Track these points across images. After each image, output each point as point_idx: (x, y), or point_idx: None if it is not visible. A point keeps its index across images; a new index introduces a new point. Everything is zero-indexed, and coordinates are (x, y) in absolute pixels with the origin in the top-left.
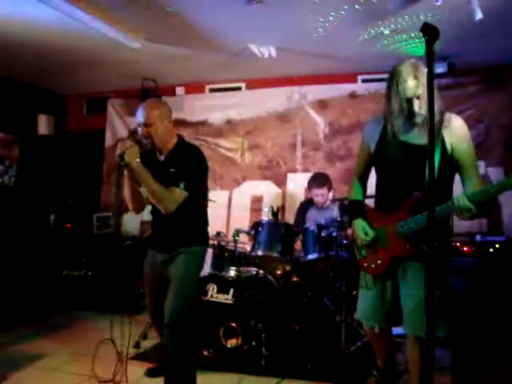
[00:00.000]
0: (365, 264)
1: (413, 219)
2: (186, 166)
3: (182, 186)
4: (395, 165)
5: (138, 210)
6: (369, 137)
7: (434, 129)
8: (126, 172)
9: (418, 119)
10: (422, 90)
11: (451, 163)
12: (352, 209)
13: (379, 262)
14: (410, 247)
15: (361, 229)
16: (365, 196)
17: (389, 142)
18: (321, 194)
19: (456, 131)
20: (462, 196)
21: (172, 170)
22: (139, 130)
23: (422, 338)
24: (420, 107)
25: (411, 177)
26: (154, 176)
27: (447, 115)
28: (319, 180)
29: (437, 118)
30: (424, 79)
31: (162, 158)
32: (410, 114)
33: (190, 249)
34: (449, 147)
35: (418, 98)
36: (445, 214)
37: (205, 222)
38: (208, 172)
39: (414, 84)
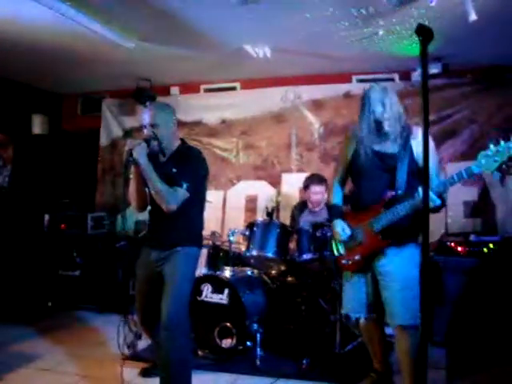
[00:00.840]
0: (343, 261)
1: (384, 215)
2: (189, 168)
3: (185, 186)
4: (369, 170)
5: (142, 208)
6: (347, 146)
7: (406, 139)
8: (132, 169)
9: (389, 135)
10: (388, 104)
11: (417, 167)
12: (332, 211)
13: (356, 257)
14: (383, 240)
15: (339, 227)
16: (344, 199)
17: (363, 151)
18: (320, 192)
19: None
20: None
21: (174, 170)
22: (145, 130)
23: (405, 326)
24: (389, 126)
25: (383, 181)
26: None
27: (414, 129)
28: (318, 177)
29: (405, 132)
30: (392, 97)
31: (164, 159)
32: (379, 133)
33: (186, 249)
34: (416, 155)
35: (386, 119)
36: (413, 207)
37: (201, 223)
38: (208, 175)
39: (379, 96)
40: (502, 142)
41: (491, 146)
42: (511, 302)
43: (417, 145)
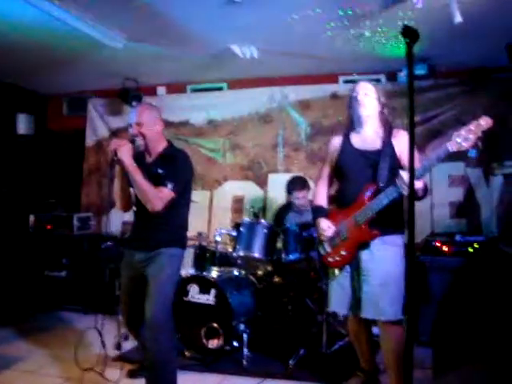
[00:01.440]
0: (329, 259)
1: (367, 206)
2: (175, 169)
3: (170, 186)
4: (352, 168)
5: (126, 208)
6: (332, 148)
7: (388, 136)
8: (117, 168)
9: (362, 111)
10: (371, 92)
11: (399, 164)
12: (315, 211)
13: (343, 253)
14: (369, 230)
15: (324, 224)
16: (329, 201)
17: (346, 150)
18: (302, 197)
19: (402, 140)
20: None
21: (160, 171)
22: (131, 130)
23: (387, 322)
24: (365, 100)
25: (366, 177)
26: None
27: (395, 130)
28: (299, 183)
29: (388, 128)
30: (376, 90)
31: (150, 159)
32: (358, 105)
33: (169, 250)
34: (397, 152)
35: (365, 94)
36: (396, 193)
37: (186, 225)
38: (194, 179)
39: (364, 84)
40: (473, 121)
41: (464, 126)
42: (496, 301)
43: (398, 142)
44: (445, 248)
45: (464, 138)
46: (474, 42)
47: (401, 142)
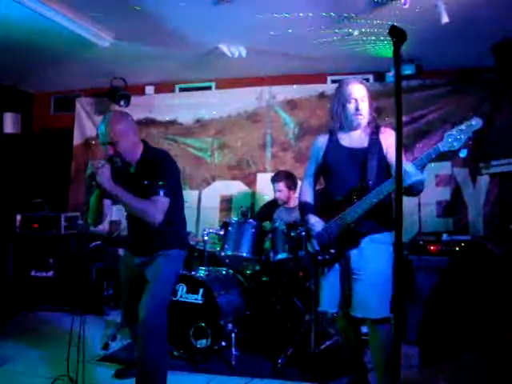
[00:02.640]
0: (319, 257)
1: (357, 205)
2: (160, 174)
3: (161, 193)
4: (340, 166)
5: (97, 224)
6: (317, 147)
7: (375, 134)
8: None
9: (362, 119)
10: (366, 96)
11: (386, 161)
12: (303, 209)
13: (332, 251)
14: (358, 228)
15: (313, 220)
16: (315, 198)
17: (333, 148)
18: (278, 190)
19: (389, 137)
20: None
21: (145, 182)
22: (104, 149)
23: (375, 320)
24: (363, 108)
25: (354, 175)
26: (127, 188)
27: (382, 127)
28: (277, 175)
29: (375, 127)
30: (367, 91)
31: (131, 169)
32: (355, 113)
33: (168, 251)
34: (384, 149)
35: (362, 100)
36: (386, 191)
37: (183, 224)
38: (180, 174)
39: (359, 87)
40: (465, 121)
41: (455, 126)
42: (482, 300)
43: (385, 140)
44: (432, 247)
45: (455, 138)
46: (461, 42)
47: (388, 139)
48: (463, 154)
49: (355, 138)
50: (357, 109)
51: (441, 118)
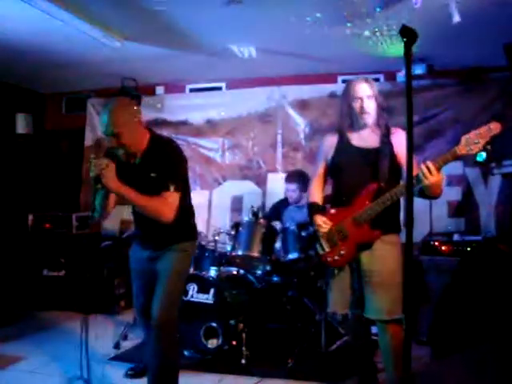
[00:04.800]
0: (328, 258)
1: (369, 207)
2: (168, 165)
3: (172, 188)
4: (350, 166)
5: (103, 219)
6: (326, 147)
7: (386, 134)
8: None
9: (368, 118)
10: (371, 95)
11: (398, 163)
12: (311, 209)
13: (342, 252)
14: (371, 230)
15: (319, 221)
16: (324, 199)
17: (343, 148)
18: (291, 190)
19: (399, 137)
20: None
21: (153, 174)
22: (107, 141)
23: (386, 321)
24: (368, 106)
25: (365, 176)
26: (133, 181)
27: (392, 128)
28: (290, 176)
29: (386, 126)
30: (374, 89)
31: (136, 160)
32: (360, 112)
33: (178, 245)
34: (395, 150)
35: (367, 98)
36: (400, 193)
37: (190, 215)
38: (187, 163)
39: (364, 86)
40: (482, 125)
41: (473, 130)
42: (494, 300)
43: (396, 140)
44: (443, 248)
45: (473, 142)
46: (472, 41)
47: (399, 140)
48: (480, 157)
49: (366, 138)
50: (362, 108)
51: (452, 117)
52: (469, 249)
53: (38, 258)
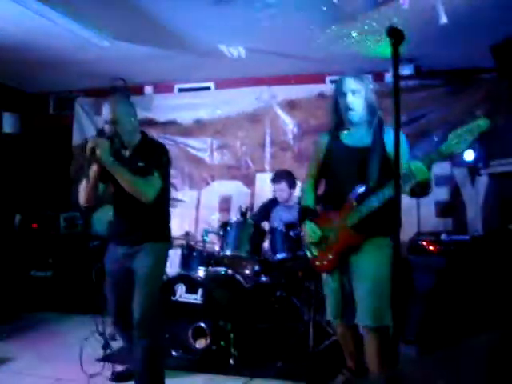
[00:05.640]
0: (317, 263)
1: (357, 209)
2: (156, 158)
3: (156, 174)
4: (340, 166)
5: (90, 203)
6: (319, 147)
7: (378, 132)
8: (93, 167)
9: (353, 115)
10: (357, 90)
11: (389, 160)
12: (302, 213)
13: (330, 256)
14: (356, 234)
15: (309, 229)
16: (316, 200)
17: (334, 147)
18: (279, 190)
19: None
20: (413, 161)
21: (140, 163)
22: (106, 127)
23: (375, 330)
24: (353, 102)
25: (354, 176)
26: None
27: (386, 126)
28: (277, 176)
29: (378, 123)
30: (363, 84)
31: (127, 153)
32: (345, 108)
33: (154, 245)
34: (388, 148)
35: (352, 93)
36: (387, 196)
37: (168, 217)
38: (170, 169)
39: (349, 81)
40: (471, 121)
41: (461, 127)
42: (481, 299)
43: (389, 138)
44: (430, 247)
45: (460, 139)
46: (460, 42)
47: (391, 137)
48: (468, 156)
49: (357, 136)
50: (346, 104)
51: (440, 118)
52: (456, 248)
53: (26, 258)
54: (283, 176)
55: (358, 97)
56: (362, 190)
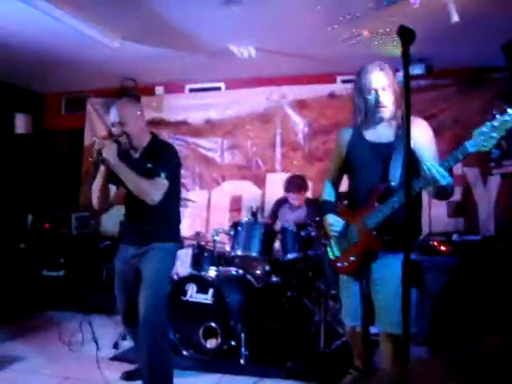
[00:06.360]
0: (338, 264)
1: (378, 210)
2: (164, 159)
3: (163, 175)
4: (363, 163)
5: (103, 208)
6: (341, 141)
7: (402, 127)
8: (101, 168)
9: (385, 112)
10: (388, 84)
11: (414, 156)
12: (323, 207)
13: (351, 258)
14: (379, 237)
15: (331, 219)
16: (337, 197)
17: (356, 143)
18: (297, 198)
19: (418, 128)
20: (434, 165)
21: (149, 165)
22: (114, 129)
23: (394, 335)
24: (385, 99)
25: (377, 173)
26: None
27: (411, 117)
28: (296, 185)
29: (402, 121)
30: (390, 76)
31: (137, 155)
32: (375, 105)
33: (163, 245)
34: (412, 143)
35: (383, 89)
36: (419, 189)
37: (178, 218)
38: (181, 170)
39: (378, 76)
40: (498, 116)
41: (487, 122)
42: (492, 301)
43: (413, 132)
44: (442, 247)
45: (487, 137)
46: (471, 42)
47: (416, 131)
48: (495, 154)
49: (381, 132)
50: (377, 101)
51: (451, 117)
52: (468, 249)
53: (38, 258)
54: (293, 186)
55: (388, 93)
56: (382, 189)
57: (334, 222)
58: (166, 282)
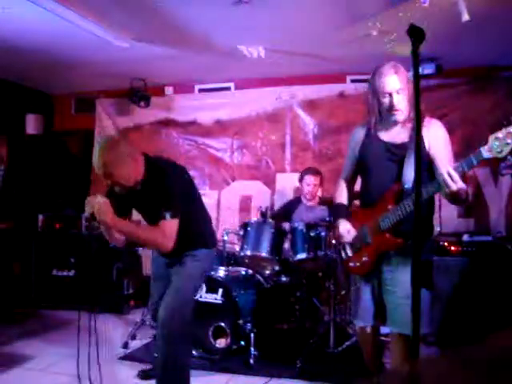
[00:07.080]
0: (350, 264)
1: (391, 212)
2: (164, 196)
3: (168, 216)
4: (377, 163)
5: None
6: (354, 140)
7: (416, 127)
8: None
9: (399, 115)
10: (402, 88)
11: (428, 157)
12: (335, 211)
13: (364, 259)
14: (392, 238)
15: (342, 228)
16: (351, 198)
17: (370, 143)
18: (313, 184)
19: (433, 129)
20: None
21: (150, 202)
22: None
23: (405, 336)
24: (399, 102)
25: (391, 174)
26: (138, 205)
27: (426, 118)
28: (313, 169)
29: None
30: (404, 78)
31: (138, 187)
32: (389, 109)
33: (195, 251)
34: (427, 144)
35: (397, 92)
36: (432, 193)
37: (204, 223)
38: (184, 180)
39: (393, 79)
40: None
41: (502, 128)
42: (503, 301)
43: (428, 133)
44: (452, 248)
45: (503, 143)
46: (482, 40)
47: (432, 133)
48: (510, 161)
49: (395, 133)
50: (392, 104)
51: (462, 117)
52: (478, 249)
53: (48, 258)
54: (314, 171)
55: (402, 96)
56: (397, 188)
57: (345, 232)
58: (191, 283)
